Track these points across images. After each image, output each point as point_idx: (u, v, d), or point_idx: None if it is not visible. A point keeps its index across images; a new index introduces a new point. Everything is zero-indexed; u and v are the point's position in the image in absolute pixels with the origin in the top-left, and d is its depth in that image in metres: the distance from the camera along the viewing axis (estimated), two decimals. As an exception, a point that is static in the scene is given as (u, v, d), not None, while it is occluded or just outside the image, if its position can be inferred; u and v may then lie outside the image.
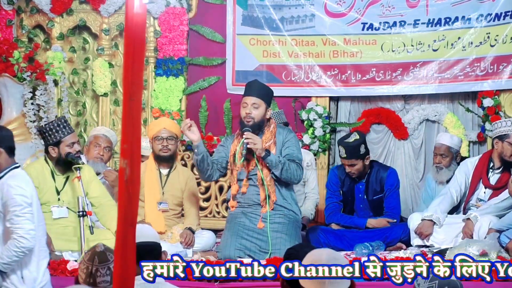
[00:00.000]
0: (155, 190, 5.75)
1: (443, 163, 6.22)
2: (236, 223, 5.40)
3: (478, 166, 5.86)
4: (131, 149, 2.06)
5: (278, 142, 5.39)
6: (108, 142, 6.01)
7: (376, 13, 6.92)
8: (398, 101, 7.14)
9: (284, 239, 5.29)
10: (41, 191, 5.25)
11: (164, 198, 5.77)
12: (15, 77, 6.85)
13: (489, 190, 5.80)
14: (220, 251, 5.37)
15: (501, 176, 5.78)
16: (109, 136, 6.06)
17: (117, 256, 2.14)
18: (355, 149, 5.84)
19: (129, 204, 2.07)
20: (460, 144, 6.36)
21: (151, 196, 5.73)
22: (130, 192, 2.06)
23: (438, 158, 6.27)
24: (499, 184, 5.76)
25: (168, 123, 5.95)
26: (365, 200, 5.96)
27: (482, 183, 5.83)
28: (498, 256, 4.94)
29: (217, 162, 5.45)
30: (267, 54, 7.11)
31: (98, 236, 5.02)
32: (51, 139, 5.25)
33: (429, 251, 5.45)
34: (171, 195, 5.77)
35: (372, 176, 5.98)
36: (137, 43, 2.03)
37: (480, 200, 5.80)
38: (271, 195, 5.36)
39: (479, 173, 5.84)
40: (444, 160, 6.23)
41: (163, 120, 6.19)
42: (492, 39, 6.68)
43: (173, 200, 5.79)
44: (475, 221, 5.48)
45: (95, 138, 6.00)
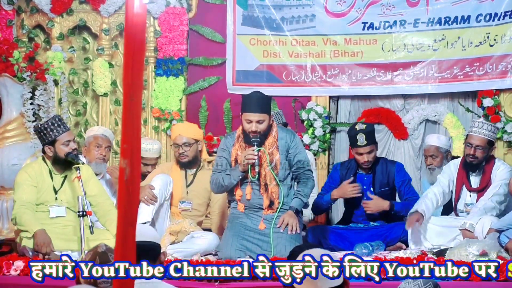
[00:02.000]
0: (178, 188, 5.74)
1: (434, 164, 6.23)
2: (237, 223, 5.38)
3: (459, 170, 5.81)
4: (131, 149, 2.06)
5: (281, 146, 5.37)
6: (108, 142, 5.99)
7: (376, 12, 6.92)
8: (398, 101, 7.14)
9: (286, 239, 5.27)
10: (40, 191, 5.25)
11: (188, 197, 5.76)
12: (15, 77, 6.85)
13: (474, 193, 5.78)
14: (221, 251, 5.36)
15: (481, 178, 5.75)
16: (108, 136, 6.04)
17: (117, 256, 2.14)
18: (372, 133, 5.86)
19: (129, 204, 2.07)
20: (448, 143, 6.36)
21: (174, 195, 5.73)
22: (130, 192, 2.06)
23: (429, 160, 6.28)
24: (481, 186, 5.73)
25: (182, 128, 5.91)
26: (371, 193, 5.90)
27: (465, 188, 5.81)
28: (498, 256, 4.94)
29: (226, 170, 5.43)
30: (267, 54, 7.11)
31: (98, 236, 5.02)
32: (46, 138, 5.25)
33: (429, 251, 5.45)
34: (195, 194, 5.76)
35: (378, 168, 5.94)
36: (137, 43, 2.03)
37: (468, 205, 5.78)
38: (275, 201, 5.35)
39: (461, 178, 5.79)
40: (434, 161, 6.23)
41: (178, 126, 6.15)
42: (492, 39, 6.69)
43: (198, 200, 5.78)
44: (472, 229, 5.46)
45: (95, 138, 5.94)
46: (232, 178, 5.30)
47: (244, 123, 5.28)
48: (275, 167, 5.32)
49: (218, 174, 5.38)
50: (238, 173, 5.29)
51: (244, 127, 5.29)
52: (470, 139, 5.71)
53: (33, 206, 5.22)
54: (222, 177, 5.33)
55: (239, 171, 5.28)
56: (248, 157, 5.21)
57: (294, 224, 5.25)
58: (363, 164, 5.85)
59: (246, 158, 5.22)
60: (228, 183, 5.32)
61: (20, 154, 6.75)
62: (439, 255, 5.21)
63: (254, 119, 5.23)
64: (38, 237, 5.01)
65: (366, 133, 5.78)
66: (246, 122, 5.26)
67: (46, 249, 4.98)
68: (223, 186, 5.36)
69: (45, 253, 4.96)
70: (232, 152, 5.39)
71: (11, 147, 6.81)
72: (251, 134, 5.26)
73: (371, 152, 5.82)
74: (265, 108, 5.30)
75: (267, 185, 5.32)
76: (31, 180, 5.24)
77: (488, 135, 5.69)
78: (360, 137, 5.77)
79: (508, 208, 5.75)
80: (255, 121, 5.24)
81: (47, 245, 4.99)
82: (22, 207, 5.16)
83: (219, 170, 5.40)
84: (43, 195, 5.25)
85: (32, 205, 5.21)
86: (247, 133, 5.28)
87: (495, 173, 5.70)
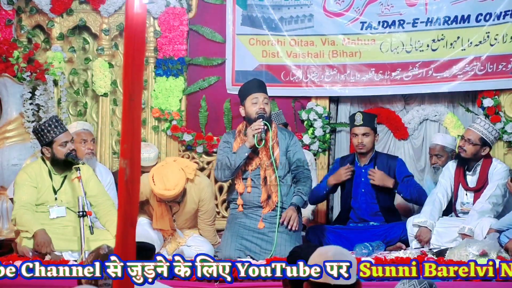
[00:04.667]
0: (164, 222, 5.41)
1: (439, 163, 6.24)
2: (236, 223, 5.39)
3: (456, 169, 5.83)
4: (131, 149, 2.06)
5: (281, 144, 5.41)
6: (91, 135, 5.97)
7: (375, 12, 6.89)
8: (398, 101, 7.13)
9: (285, 239, 5.28)
10: (40, 191, 5.25)
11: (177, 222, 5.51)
12: (15, 77, 6.84)
13: (470, 193, 5.79)
14: (220, 251, 5.36)
15: (478, 178, 5.76)
16: (88, 129, 6.03)
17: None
18: (372, 117, 5.94)
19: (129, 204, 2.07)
20: (454, 142, 6.36)
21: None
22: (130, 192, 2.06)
23: (434, 159, 6.29)
24: (478, 186, 5.74)
25: (168, 195, 5.21)
26: (369, 185, 5.92)
27: (462, 187, 5.81)
28: (498, 256, 4.94)
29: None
30: (266, 54, 7.10)
31: (98, 236, 5.02)
32: (43, 139, 5.24)
33: (429, 251, 5.45)
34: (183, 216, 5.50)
35: (379, 160, 6.00)
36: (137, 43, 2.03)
37: (464, 204, 5.79)
38: (272, 195, 5.35)
39: (458, 177, 5.81)
40: (439, 160, 6.24)
41: (164, 193, 5.21)
42: (491, 38, 6.65)
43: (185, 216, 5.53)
44: (471, 233, 5.46)
45: (78, 135, 5.84)
46: (238, 157, 5.29)
47: (250, 105, 5.34)
48: (275, 161, 5.34)
49: (223, 156, 5.36)
50: (245, 150, 5.30)
51: (250, 110, 5.34)
52: (465, 132, 5.84)
53: (33, 206, 5.22)
54: (227, 157, 5.32)
55: (245, 147, 5.29)
56: (255, 128, 5.24)
57: (295, 219, 5.27)
58: (358, 146, 5.93)
59: (253, 129, 5.24)
60: (234, 162, 5.28)
61: (20, 154, 6.75)
62: (439, 255, 5.21)
63: (260, 98, 5.34)
64: (38, 237, 5.00)
65: (365, 114, 5.95)
66: (252, 103, 5.34)
67: (46, 249, 4.97)
68: (229, 168, 5.31)
69: (45, 253, 4.96)
70: (234, 146, 5.41)
71: (11, 147, 6.81)
72: (256, 117, 5.30)
73: (366, 135, 5.91)
74: (266, 91, 5.46)
75: (266, 179, 5.34)
76: (30, 180, 5.23)
77: (482, 133, 5.70)
78: (357, 117, 5.93)
79: (507, 208, 5.75)
80: (261, 100, 5.33)
81: (47, 245, 4.99)
82: (22, 208, 5.16)
83: (222, 156, 5.38)
84: (43, 196, 5.24)
85: (32, 206, 5.20)
86: (252, 119, 5.31)
87: (492, 172, 5.71)
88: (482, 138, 5.70)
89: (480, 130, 5.71)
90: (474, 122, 5.87)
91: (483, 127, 5.72)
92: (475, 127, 5.75)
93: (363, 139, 5.90)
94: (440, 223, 5.71)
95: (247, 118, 5.38)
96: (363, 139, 5.90)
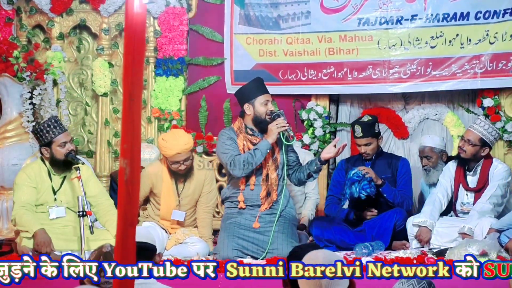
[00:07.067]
0: (170, 200, 5.59)
1: (429, 164, 6.24)
2: (231, 223, 5.40)
3: (456, 169, 5.85)
4: (131, 149, 2.05)
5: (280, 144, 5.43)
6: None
7: (372, 8, 6.80)
8: (398, 101, 7.12)
9: (282, 239, 5.30)
10: (39, 192, 5.25)
11: (181, 205, 5.62)
12: (15, 77, 6.85)
13: (471, 193, 5.79)
14: (218, 253, 5.36)
15: (479, 178, 5.77)
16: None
17: (117, 256, 2.14)
18: (371, 127, 5.96)
19: (129, 204, 2.07)
20: (443, 142, 6.35)
21: (165, 207, 5.61)
22: (130, 192, 2.05)
23: (424, 161, 6.30)
24: (478, 186, 5.75)
25: (178, 145, 5.46)
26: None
27: (462, 187, 5.82)
28: (498, 256, 4.94)
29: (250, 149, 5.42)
30: (263, 53, 7.07)
31: (98, 236, 5.03)
32: (42, 139, 5.24)
33: (429, 251, 5.45)
34: (187, 201, 5.64)
35: (381, 157, 6.07)
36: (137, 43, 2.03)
37: (464, 204, 5.79)
38: (272, 193, 5.36)
39: (458, 177, 5.83)
40: (430, 161, 6.24)
41: (172, 143, 5.48)
42: (491, 36, 6.60)
43: (189, 205, 5.67)
44: (471, 233, 5.46)
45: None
46: (261, 153, 5.29)
47: (260, 105, 5.35)
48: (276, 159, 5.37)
49: (243, 154, 5.32)
50: (267, 146, 5.29)
51: (260, 110, 5.35)
52: (465, 133, 5.88)
53: (33, 207, 5.22)
54: (250, 153, 5.30)
55: (268, 143, 5.28)
56: (281, 125, 5.24)
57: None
58: (363, 155, 6.06)
59: (279, 126, 5.25)
60: (258, 158, 5.28)
61: (20, 154, 6.75)
62: (439, 255, 5.21)
63: (270, 99, 5.42)
64: (38, 237, 5.01)
65: (363, 125, 5.96)
66: (262, 104, 5.36)
67: (46, 248, 4.98)
68: (251, 164, 5.29)
69: (45, 253, 4.96)
70: (239, 143, 5.41)
71: (11, 147, 6.81)
72: (267, 117, 5.32)
73: (368, 144, 5.96)
74: None
75: (268, 176, 5.34)
76: (30, 181, 5.23)
77: (482, 133, 5.71)
78: (357, 129, 5.99)
79: (507, 208, 5.76)
80: (270, 101, 5.41)
81: (47, 244, 5.00)
82: (22, 208, 5.16)
83: (237, 153, 5.34)
84: (43, 196, 5.24)
85: (31, 206, 5.21)
86: (263, 118, 5.33)
87: (492, 173, 5.71)
88: (481, 139, 5.71)
89: (479, 130, 5.72)
90: (474, 123, 5.88)
91: (483, 127, 5.73)
92: (475, 127, 5.76)
93: (366, 149, 6.00)
94: (440, 223, 5.72)
95: (256, 117, 5.37)
96: (366, 148, 6.00)
